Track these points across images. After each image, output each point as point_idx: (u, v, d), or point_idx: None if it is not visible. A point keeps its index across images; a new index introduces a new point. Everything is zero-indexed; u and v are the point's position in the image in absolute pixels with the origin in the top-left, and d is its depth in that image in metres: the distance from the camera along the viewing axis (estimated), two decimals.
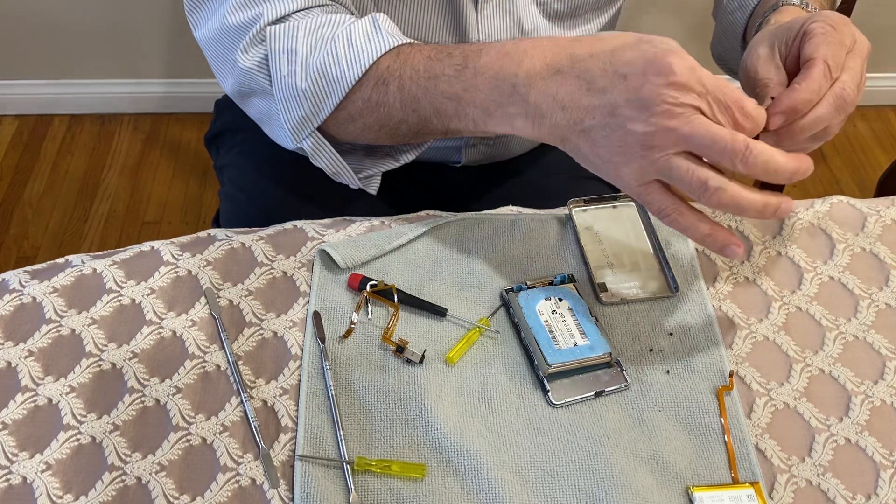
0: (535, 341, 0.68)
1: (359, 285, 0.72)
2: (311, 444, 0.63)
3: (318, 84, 0.73)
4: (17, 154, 2.03)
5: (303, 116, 0.75)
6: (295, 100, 0.74)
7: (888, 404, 0.68)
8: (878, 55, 2.14)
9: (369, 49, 0.71)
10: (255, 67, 0.75)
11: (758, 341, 0.72)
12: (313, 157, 0.78)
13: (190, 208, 1.93)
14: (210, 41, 0.78)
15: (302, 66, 0.72)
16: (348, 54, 0.71)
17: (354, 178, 0.80)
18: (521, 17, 0.86)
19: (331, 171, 0.79)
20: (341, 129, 0.76)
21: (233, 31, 0.75)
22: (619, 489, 0.62)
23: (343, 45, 0.71)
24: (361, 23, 0.73)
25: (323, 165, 0.78)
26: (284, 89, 0.74)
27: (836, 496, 0.63)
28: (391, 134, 0.75)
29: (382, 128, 0.74)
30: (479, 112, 0.68)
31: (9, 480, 0.61)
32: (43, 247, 1.84)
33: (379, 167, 0.81)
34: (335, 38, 0.72)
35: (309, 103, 0.74)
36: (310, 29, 0.73)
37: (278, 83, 0.74)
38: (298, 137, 0.76)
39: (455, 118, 0.70)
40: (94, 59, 2.04)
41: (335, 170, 0.79)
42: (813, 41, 0.65)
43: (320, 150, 0.77)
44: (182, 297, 0.72)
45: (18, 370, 0.67)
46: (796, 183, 1.98)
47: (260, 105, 0.78)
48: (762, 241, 0.79)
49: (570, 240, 0.77)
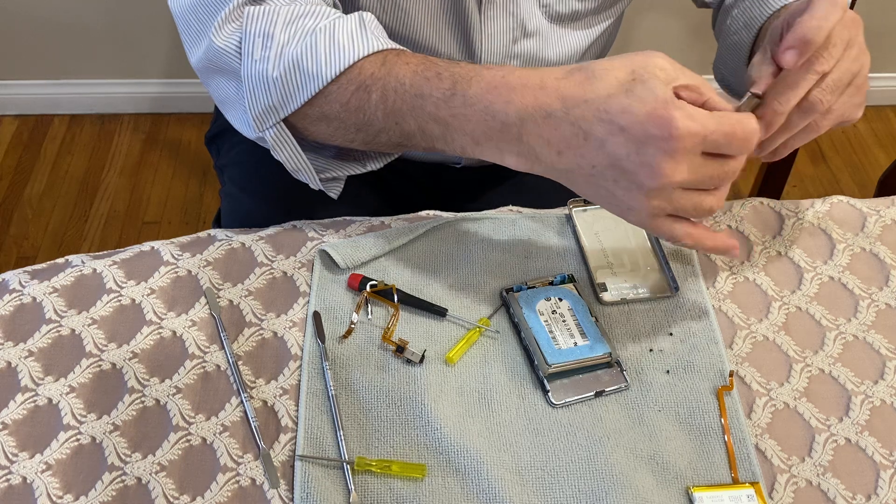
0: (535, 341, 0.68)
1: (359, 285, 0.72)
2: (311, 444, 0.63)
3: (289, 75, 0.69)
4: (17, 154, 2.03)
5: (269, 105, 0.71)
6: (263, 87, 0.70)
7: (888, 404, 0.68)
8: (878, 55, 2.14)
9: (352, 49, 0.68)
10: (228, 48, 0.71)
11: (758, 341, 0.72)
12: (274, 149, 0.74)
13: (190, 208, 1.93)
14: (184, 11, 0.74)
15: (276, 52, 0.69)
16: (328, 50, 0.68)
17: (315, 178, 0.76)
18: (524, 19, 0.86)
19: (291, 166, 0.75)
20: (312, 126, 0.73)
21: (208, 2, 0.72)
22: (619, 489, 0.62)
23: (324, 40, 0.68)
24: (347, 20, 0.70)
25: (283, 159, 0.75)
26: (254, 74, 0.70)
27: (836, 496, 0.63)
28: (368, 140, 0.72)
29: (360, 132, 0.71)
30: (468, 140, 0.65)
31: (9, 480, 0.61)
32: (43, 247, 1.84)
33: (344, 170, 0.77)
34: (317, 31, 0.69)
35: (278, 93, 0.70)
36: (291, 16, 0.70)
37: (248, 67, 0.70)
38: (261, 126, 0.72)
39: (441, 140, 0.67)
40: (94, 59, 2.04)
41: (295, 166, 0.75)
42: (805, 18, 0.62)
43: (282, 143, 0.73)
44: (182, 297, 0.72)
45: (18, 370, 0.67)
46: (796, 182, 1.98)
47: (225, 86, 0.75)
48: (762, 241, 0.79)
49: (570, 240, 0.77)
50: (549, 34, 0.89)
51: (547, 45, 0.89)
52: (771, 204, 0.81)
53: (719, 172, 0.60)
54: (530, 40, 0.88)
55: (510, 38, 0.86)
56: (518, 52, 0.88)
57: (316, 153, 0.76)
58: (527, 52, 0.89)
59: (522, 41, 0.88)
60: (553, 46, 0.90)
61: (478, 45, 0.86)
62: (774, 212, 0.81)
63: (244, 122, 0.74)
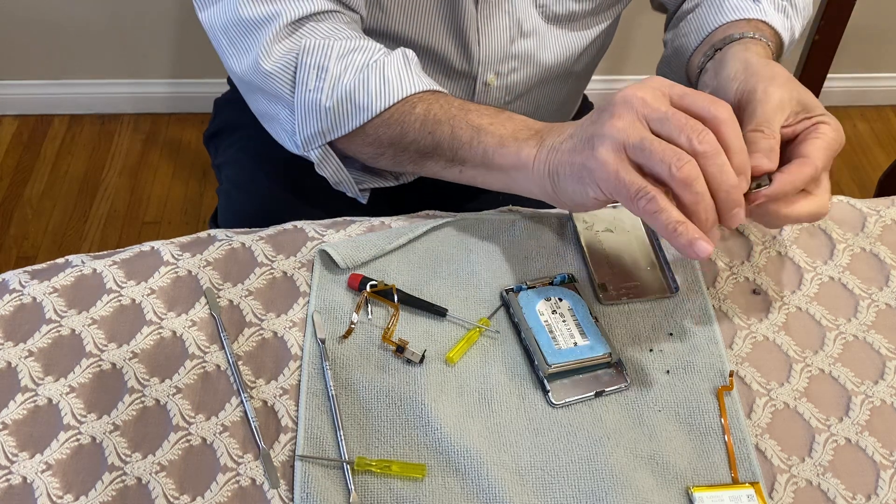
0: (535, 341, 0.68)
1: (359, 285, 0.72)
2: (311, 444, 0.63)
3: (342, 106, 0.75)
4: (17, 154, 2.03)
5: (318, 131, 0.77)
6: (315, 115, 0.76)
7: (888, 404, 0.68)
8: (878, 55, 2.14)
9: (400, 87, 0.74)
10: (276, 73, 0.76)
11: (758, 341, 0.72)
12: (319, 167, 0.80)
13: (190, 208, 1.93)
14: (218, 28, 0.78)
15: (330, 84, 0.74)
16: (379, 86, 0.74)
17: (356, 189, 0.83)
18: (520, 19, 0.86)
19: (334, 180, 0.82)
20: (350, 142, 0.78)
21: (248, 24, 0.75)
22: (619, 489, 0.62)
23: (375, 77, 0.74)
24: (394, 57, 0.75)
25: (327, 175, 0.81)
26: (307, 102, 0.76)
27: (836, 496, 0.63)
28: (395, 155, 0.77)
29: (392, 146, 0.76)
30: (494, 141, 0.71)
31: (9, 480, 0.61)
32: (43, 247, 1.84)
33: (378, 183, 0.83)
34: (368, 67, 0.74)
35: (329, 121, 0.76)
36: (344, 51, 0.75)
37: (302, 95, 0.76)
38: (307, 147, 0.78)
39: (467, 145, 0.72)
40: (94, 59, 2.04)
41: (338, 179, 0.81)
42: (817, 144, 0.68)
43: (327, 162, 0.79)
44: (182, 297, 0.72)
45: (18, 370, 0.67)
46: None
47: (266, 104, 0.79)
48: (762, 241, 0.79)
49: (570, 240, 0.77)
50: (545, 34, 0.89)
51: (544, 45, 0.90)
52: None
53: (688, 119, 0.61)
54: (527, 40, 0.88)
55: (508, 38, 0.87)
56: (516, 52, 0.89)
57: (353, 166, 0.82)
58: (524, 52, 0.89)
59: (520, 41, 0.88)
60: (550, 47, 0.90)
61: (475, 45, 0.86)
62: None
63: (287, 138, 0.80)
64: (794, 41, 0.88)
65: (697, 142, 0.60)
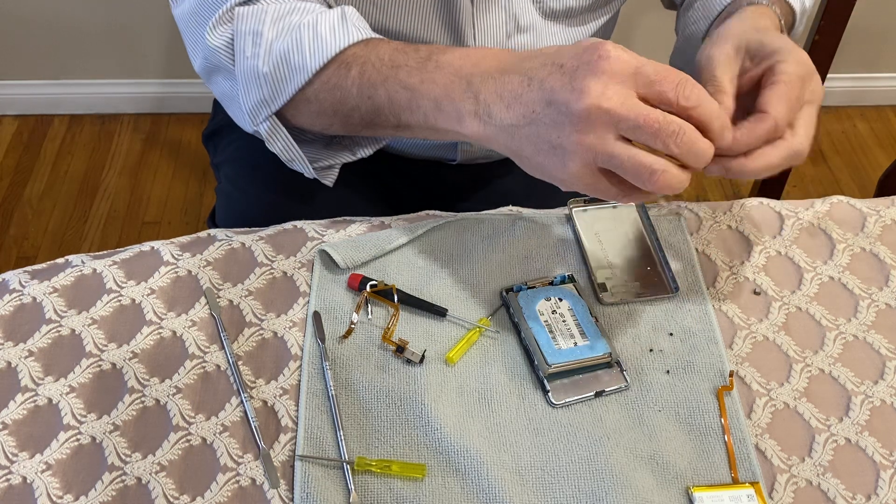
0: (535, 341, 0.68)
1: (359, 285, 0.72)
2: (311, 444, 0.63)
3: (279, 69, 0.73)
4: (17, 154, 2.03)
5: (261, 99, 0.75)
6: (255, 82, 0.74)
7: (888, 404, 0.68)
8: (878, 55, 2.15)
9: (333, 41, 0.72)
10: (222, 46, 0.75)
11: (758, 341, 0.72)
12: (268, 141, 0.77)
13: (190, 208, 1.93)
14: (185, 16, 0.78)
15: (266, 49, 0.73)
16: (312, 44, 0.72)
17: (308, 167, 0.79)
18: (517, 14, 0.86)
19: (285, 157, 0.79)
20: (297, 111, 0.76)
21: (205, 6, 0.75)
22: (619, 489, 0.62)
23: (308, 34, 0.72)
24: (329, 14, 0.73)
25: (277, 150, 0.78)
26: (246, 71, 0.74)
27: (836, 496, 0.63)
28: (344, 121, 0.75)
29: (336, 113, 0.74)
30: (431, 105, 0.68)
31: (9, 480, 0.61)
32: (43, 247, 1.84)
33: (335, 158, 0.80)
34: (301, 27, 0.72)
35: (268, 86, 0.74)
36: (278, 14, 0.73)
37: (241, 64, 0.74)
38: (255, 120, 0.76)
39: (407, 110, 0.70)
40: (94, 59, 2.04)
41: (290, 156, 0.78)
42: (775, 91, 0.65)
43: (275, 135, 0.77)
44: (182, 297, 0.72)
45: (18, 370, 0.67)
46: (796, 182, 1.98)
47: (224, 85, 0.78)
48: (762, 241, 0.79)
49: (570, 240, 0.77)
50: (543, 30, 0.89)
51: (541, 41, 0.89)
52: (771, 204, 0.81)
53: (660, 122, 0.58)
54: (524, 36, 0.88)
55: (504, 33, 0.86)
56: (512, 47, 0.88)
57: (308, 144, 0.79)
58: (521, 47, 0.89)
59: (516, 36, 0.87)
60: (547, 42, 0.90)
61: (470, 39, 0.85)
62: (774, 212, 0.81)
63: (242, 117, 0.78)
64: (805, 11, 0.86)
65: (675, 145, 0.59)
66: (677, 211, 0.80)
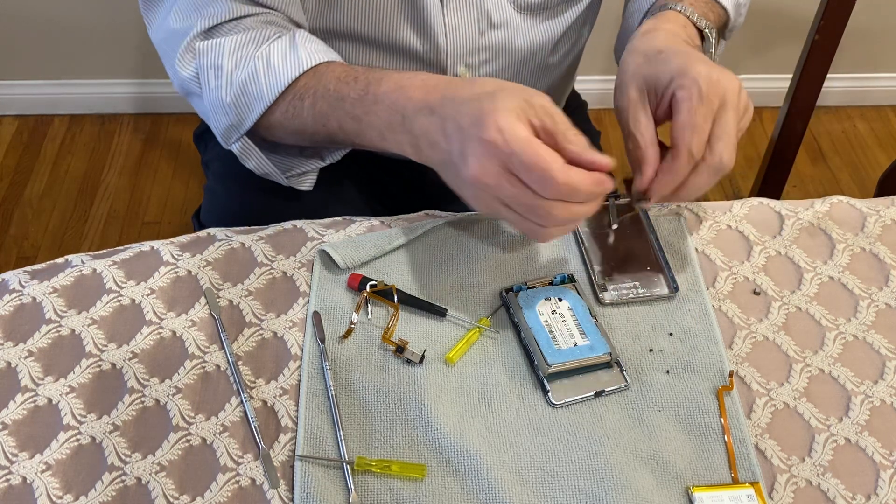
0: (535, 341, 0.68)
1: (359, 285, 0.72)
2: (311, 444, 0.63)
3: (240, 99, 0.78)
4: (17, 154, 2.03)
5: (229, 125, 0.80)
6: (222, 110, 0.79)
7: (888, 404, 0.68)
8: (878, 55, 2.14)
9: (285, 72, 0.76)
10: (189, 77, 0.80)
11: (758, 341, 0.72)
12: (242, 159, 0.82)
13: (190, 208, 1.93)
14: (158, 42, 0.83)
15: (227, 80, 0.77)
16: (266, 74, 0.76)
17: (282, 178, 0.84)
18: (489, 10, 0.85)
19: (260, 171, 0.83)
20: (268, 133, 0.81)
21: (172, 35, 0.79)
22: (619, 489, 0.62)
23: (262, 66, 0.76)
24: (280, 43, 0.77)
25: (251, 167, 0.83)
26: (213, 101, 0.79)
27: (836, 496, 0.63)
28: (309, 141, 0.81)
29: (300, 135, 0.79)
30: (376, 135, 0.72)
31: (9, 480, 0.61)
32: (43, 247, 1.84)
33: (307, 165, 0.84)
34: (256, 58, 0.77)
35: (234, 115, 0.79)
36: (236, 46, 0.77)
37: (207, 94, 0.79)
38: (227, 142, 0.81)
39: (357, 136, 0.74)
40: (94, 59, 2.04)
41: (264, 171, 0.83)
42: (678, 121, 0.67)
43: (247, 154, 0.82)
44: (182, 297, 0.72)
45: (18, 370, 0.67)
46: (796, 182, 1.98)
47: (199, 105, 0.82)
48: (762, 241, 0.79)
49: (570, 240, 0.77)
50: (518, 25, 0.88)
51: (516, 35, 0.89)
52: (771, 204, 0.81)
53: (527, 200, 0.62)
54: (498, 31, 0.88)
55: (476, 30, 0.86)
56: (486, 44, 0.88)
57: (281, 155, 0.84)
58: (496, 43, 0.88)
59: (490, 33, 0.87)
60: (523, 37, 0.89)
61: (441, 37, 0.85)
62: (774, 212, 0.81)
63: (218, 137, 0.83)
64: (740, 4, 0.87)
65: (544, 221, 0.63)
66: (677, 211, 0.80)
